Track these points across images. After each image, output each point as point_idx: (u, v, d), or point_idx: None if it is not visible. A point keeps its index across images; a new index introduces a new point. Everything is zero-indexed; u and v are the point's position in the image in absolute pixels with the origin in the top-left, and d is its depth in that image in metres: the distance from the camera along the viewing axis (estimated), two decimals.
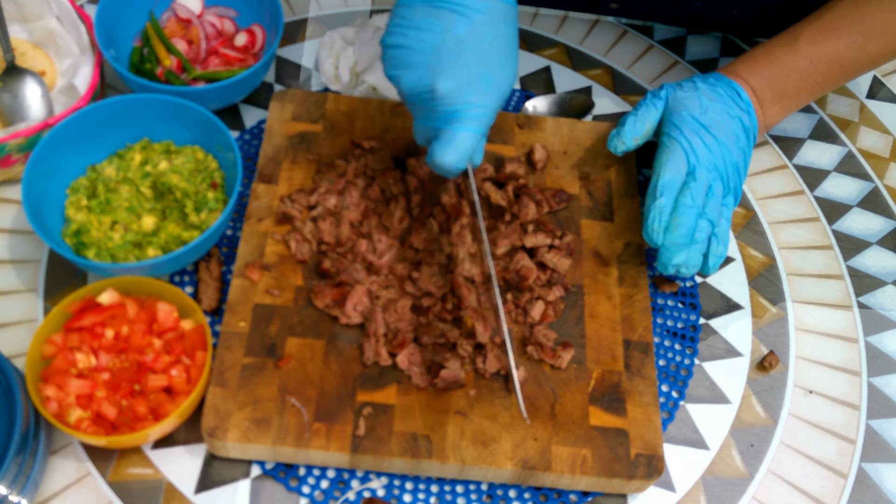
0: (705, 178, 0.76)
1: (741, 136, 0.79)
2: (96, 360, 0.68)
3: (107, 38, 0.84)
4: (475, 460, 0.67)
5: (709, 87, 0.80)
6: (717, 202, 0.76)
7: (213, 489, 0.69)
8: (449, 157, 0.67)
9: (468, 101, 0.66)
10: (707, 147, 0.77)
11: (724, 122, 0.78)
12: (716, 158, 0.77)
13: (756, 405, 0.78)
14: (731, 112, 0.79)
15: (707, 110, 0.78)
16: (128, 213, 0.76)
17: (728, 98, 0.80)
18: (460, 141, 0.67)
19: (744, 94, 0.80)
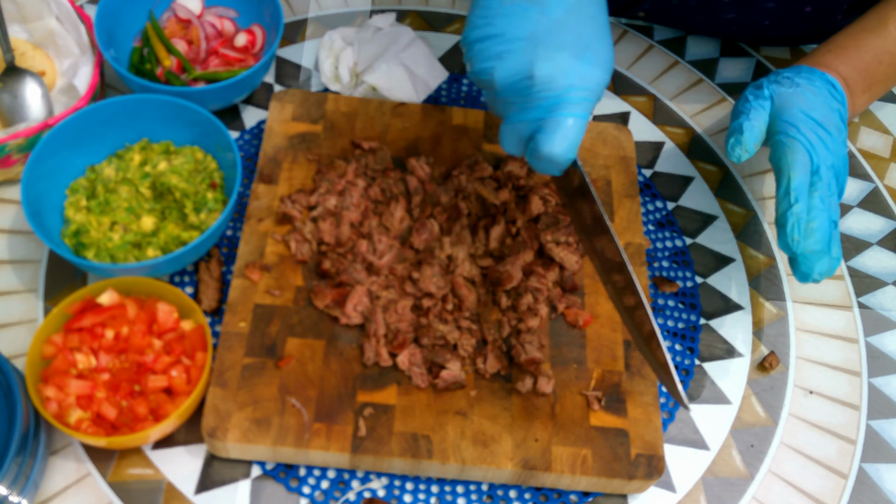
0: (827, 176, 0.73)
1: (843, 128, 0.77)
2: (96, 361, 0.68)
3: (107, 39, 0.84)
4: (475, 460, 0.67)
5: (807, 81, 0.77)
6: (837, 201, 0.74)
7: (213, 489, 0.69)
8: (558, 147, 0.63)
9: (571, 85, 0.63)
10: (824, 144, 0.74)
11: (829, 116, 0.76)
12: (832, 155, 0.74)
13: (756, 405, 0.78)
14: (832, 105, 0.77)
15: (813, 105, 0.76)
16: (127, 214, 0.76)
17: (826, 91, 0.77)
18: (568, 128, 0.63)
19: (838, 85, 0.78)
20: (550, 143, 0.63)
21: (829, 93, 0.77)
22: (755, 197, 0.92)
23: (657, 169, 0.92)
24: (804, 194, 0.72)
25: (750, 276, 0.86)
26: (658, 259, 0.85)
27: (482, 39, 0.65)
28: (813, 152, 0.73)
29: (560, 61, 0.63)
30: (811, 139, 0.74)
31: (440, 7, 1.03)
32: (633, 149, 0.87)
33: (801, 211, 0.71)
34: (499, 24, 0.64)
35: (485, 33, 0.65)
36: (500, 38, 0.64)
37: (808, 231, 0.71)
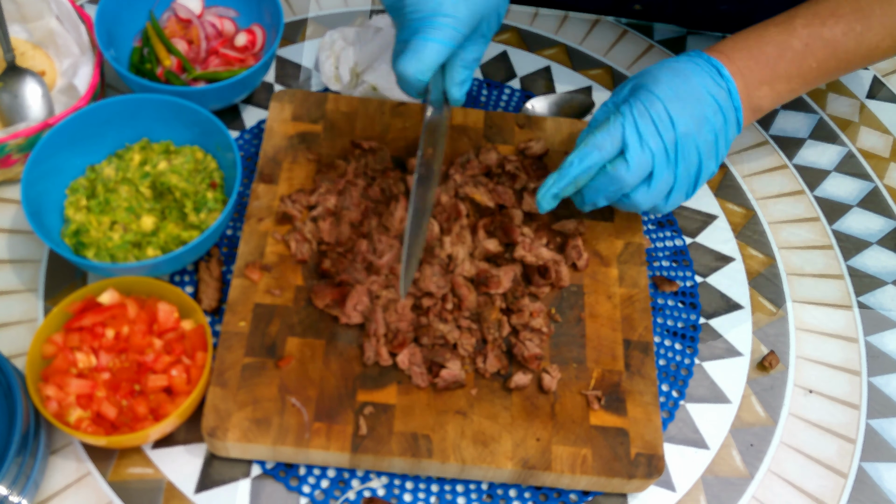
0: (642, 162, 0.70)
1: (716, 117, 0.72)
2: (96, 360, 0.68)
3: (107, 38, 0.84)
4: (475, 460, 0.67)
5: (682, 64, 0.73)
6: (658, 196, 0.72)
7: (213, 489, 0.69)
8: (409, 67, 0.65)
9: (436, 9, 0.64)
10: (657, 127, 0.70)
11: (694, 101, 0.71)
12: (667, 142, 0.70)
13: (756, 405, 0.78)
14: (706, 91, 0.72)
15: (674, 84, 0.71)
16: (127, 213, 0.76)
17: (705, 74, 0.72)
18: (423, 50, 0.64)
19: (725, 71, 0.73)
20: (403, 63, 0.65)
21: (711, 77, 0.72)
22: (755, 197, 0.92)
23: None
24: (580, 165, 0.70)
25: (750, 275, 0.86)
26: (658, 259, 0.85)
27: None
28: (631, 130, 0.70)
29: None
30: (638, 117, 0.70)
31: None
32: None
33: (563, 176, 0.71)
34: None
35: None
36: None
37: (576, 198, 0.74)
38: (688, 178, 0.72)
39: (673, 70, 0.73)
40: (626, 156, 0.70)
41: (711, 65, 0.73)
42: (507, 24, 1.02)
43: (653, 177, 0.71)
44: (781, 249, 0.88)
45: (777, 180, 0.93)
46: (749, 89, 0.75)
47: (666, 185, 0.72)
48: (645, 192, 0.72)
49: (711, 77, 0.73)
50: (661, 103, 0.70)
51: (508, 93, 0.95)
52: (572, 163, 0.71)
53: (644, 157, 0.70)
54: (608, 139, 0.70)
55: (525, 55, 1.00)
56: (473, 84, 0.95)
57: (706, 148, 0.72)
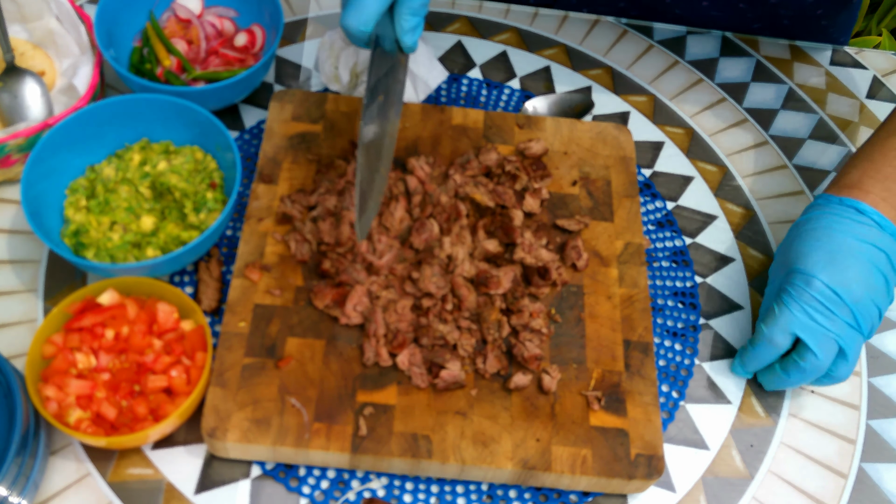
0: (828, 350, 0.70)
1: (881, 262, 0.70)
2: (96, 361, 0.68)
3: (107, 38, 0.84)
4: (475, 460, 0.67)
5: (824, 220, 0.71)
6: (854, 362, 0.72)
7: (213, 489, 0.69)
8: (351, 19, 0.66)
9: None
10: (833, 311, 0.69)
11: (854, 260, 0.69)
12: (846, 318, 0.69)
13: (756, 405, 0.78)
14: (857, 237, 0.70)
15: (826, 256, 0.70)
16: (127, 214, 0.76)
17: (848, 220, 0.71)
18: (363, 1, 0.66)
19: (886, 223, 0.70)
20: (347, 15, 0.67)
21: (854, 220, 0.71)
22: (755, 197, 0.92)
23: (657, 169, 0.92)
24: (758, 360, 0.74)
25: (750, 276, 0.86)
26: (658, 259, 0.85)
27: None
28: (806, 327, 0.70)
29: None
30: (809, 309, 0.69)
31: (440, 7, 1.03)
32: (633, 149, 0.87)
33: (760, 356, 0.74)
34: None
35: None
36: None
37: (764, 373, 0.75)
38: (871, 328, 0.72)
39: (815, 235, 0.71)
40: (812, 348, 0.70)
41: (871, 219, 0.71)
42: (507, 24, 1.02)
43: (846, 352, 0.70)
44: None
45: (777, 180, 0.93)
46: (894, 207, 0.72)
47: (856, 353, 0.71)
48: (844, 366, 0.71)
49: (854, 220, 0.71)
50: (819, 281, 0.69)
51: (508, 93, 0.95)
52: (750, 355, 0.74)
53: (828, 341, 0.70)
54: (779, 333, 0.71)
55: (525, 55, 1.00)
56: (473, 84, 0.95)
57: (880, 295, 0.70)
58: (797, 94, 1.01)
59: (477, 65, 0.98)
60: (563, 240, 0.80)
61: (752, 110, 0.99)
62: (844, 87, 1.03)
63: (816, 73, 1.03)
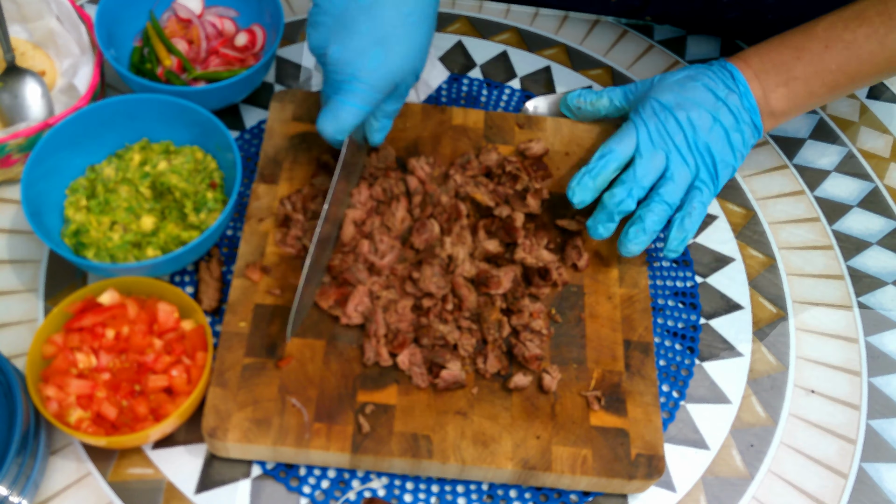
0: (656, 158, 0.74)
1: (726, 118, 0.76)
2: (97, 361, 0.68)
3: (107, 38, 0.84)
4: (475, 460, 0.67)
5: (692, 72, 0.79)
6: (678, 186, 0.75)
7: (213, 489, 0.69)
8: (328, 127, 0.70)
9: (354, 75, 0.67)
10: (666, 129, 0.75)
11: (699, 105, 0.76)
12: (677, 142, 0.75)
13: (756, 405, 0.78)
14: (716, 94, 0.76)
15: (680, 94, 0.77)
16: (127, 214, 0.76)
17: (717, 80, 0.77)
18: (340, 113, 0.69)
19: (738, 74, 0.77)
20: (323, 121, 0.70)
21: (724, 83, 0.77)
22: (755, 197, 0.92)
23: None
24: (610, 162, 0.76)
25: (750, 276, 0.86)
26: (658, 259, 0.84)
27: (314, 4, 0.69)
28: (642, 132, 0.75)
29: (350, 49, 0.67)
30: (648, 122, 0.76)
31: (441, 7, 1.03)
32: None
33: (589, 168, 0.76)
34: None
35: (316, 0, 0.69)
36: (319, 9, 0.69)
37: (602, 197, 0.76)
38: (707, 172, 0.76)
39: (681, 81, 0.78)
40: (641, 152, 0.75)
41: (726, 70, 0.77)
42: (507, 24, 1.02)
43: (669, 170, 0.75)
44: (781, 250, 0.88)
45: (777, 180, 0.93)
46: (765, 91, 0.77)
47: (684, 179, 0.75)
48: (668, 185, 0.75)
49: (724, 82, 0.77)
50: (667, 111, 0.76)
51: (508, 93, 0.95)
52: (597, 157, 0.76)
53: (657, 156, 0.75)
54: (626, 142, 0.76)
55: (525, 55, 1.00)
56: (474, 84, 0.95)
57: (718, 144, 0.75)
58: None
59: (477, 65, 0.98)
60: (563, 240, 0.80)
61: None
62: None
63: None
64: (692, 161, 0.75)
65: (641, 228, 0.74)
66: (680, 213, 0.75)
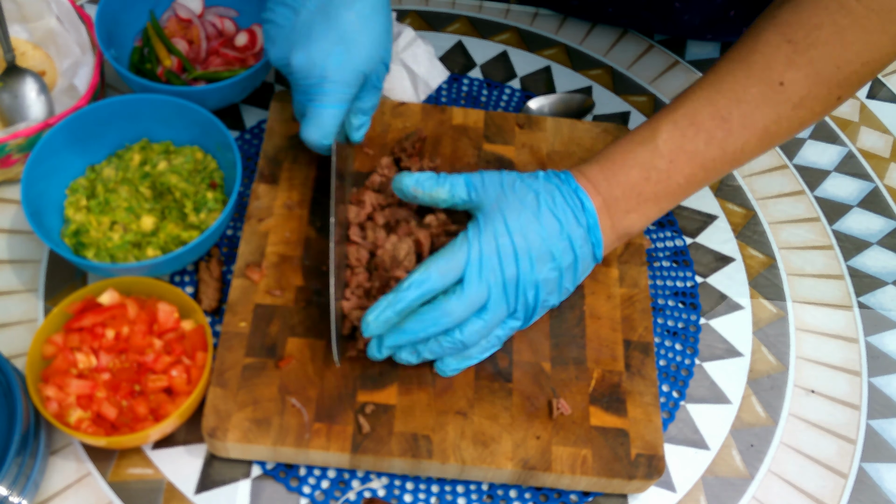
0: (477, 295, 0.65)
1: (565, 256, 0.67)
2: (97, 361, 0.68)
3: (107, 38, 0.84)
4: (475, 460, 0.67)
5: (547, 191, 0.68)
6: (485, 327, 0.67)
7: (213, 489, 0.69)
8: (313, 134, 0.71)
9: (323, 76, 0.69)
10: (501, 261, 0.66)
11: (544, 240, 0.66)
12: (507, 278, 0.66)
13: (756, 405, 0.78)
14: (564, 227, 0.67)
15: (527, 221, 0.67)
16: (127, 214, 0.76)
17: (568, 209, 0.68)
18: (321, 117, 0.70)
19: (588, 204, 0.68)
20: (307, 129, 0.71)
21: (573, 213, 0.68)
22: (755, 197, 0.92)
23: None
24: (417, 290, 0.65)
25: (750, 276, 0.86)
26: (658, 259, 0.85)
27: (265, 21, 0.72)
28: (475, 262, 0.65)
29: (313, 54, 0.69)
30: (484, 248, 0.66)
31: (440, 7, 1.03)
32: None
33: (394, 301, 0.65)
34: (276, 11, 0.71)
35: (267, 17, 0.72)
36: (273, 25, 0.71)
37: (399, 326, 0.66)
38: (525, 312, 0.69)
39: (534, 202, 0.68)
40: (464, 286, 0.65)
41: (577, 198, 0.68)
42: (507, 23, 1.02)
43: (486, 309, 0.66)
44: (781, 249, 0.88)
45: (777, 180, 0.93)
46: (615, 218, 0.70)
47: (497, 318, 0.67)
48: (475, 323, 0.66)
49: (573, 212, 0.68)
50: (508, 237, 0.66)
51: (508, 93, 0.95)
52: (410, 286, 0.65)
53: (480, 290, 0.65)
54: (451, 266, 0.65)
55: (525, 55, 1.00)
56: (474, 84, 0.95)
57: (547, 285, 0.68)
58: None
59: (477, 65, 0.98)
60: None
61: None
62: None
63: None
64: (513, 300, 0.67)
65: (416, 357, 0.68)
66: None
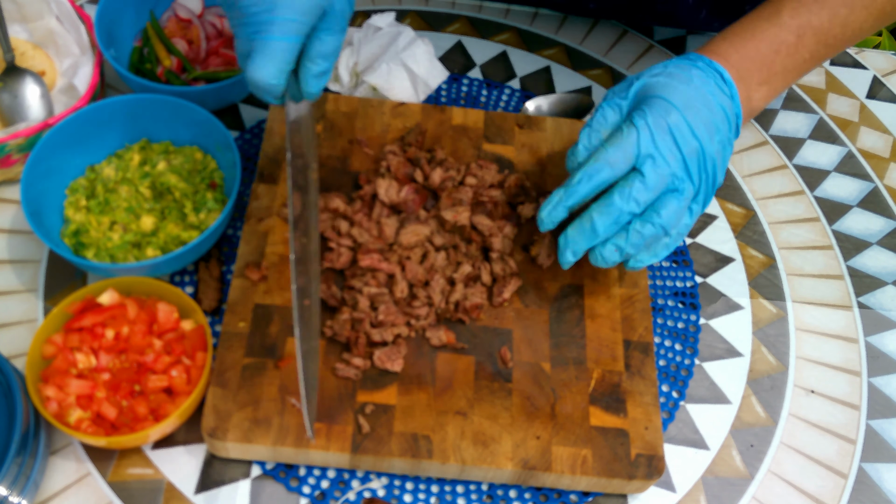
0: (660, 177, 0.64)
1: (723, 127, 0.68)
2: (96, 361, 0.68)
3: (107, 38, 0.84)
4: (475, 460, 0.67)
5: (684, 71, 0.68)
6: (679, 209, 0.66)
7: (213, 489, 0.69)
8: (262, 72, 0.60)
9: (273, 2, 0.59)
10: (675, 138, 0.65)
11: (706, 110, 0.67)
12: (686, 154, 0.65)
13: (756, 405, 0.78)
14: (714, 99, 0.67)
15: (686, 93, 0.67)
16: (127, 214, 0.76)
17: (711, 81, 0.68)
18: (272, 50, 0.59)
19: (728, 77, 0.69)
20: (255, 68, 0.60)
21: (717, 84, 0.68)
22: (755, 197, 0.92)
23: None
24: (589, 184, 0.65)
25: (750, 276, 0.86)
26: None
27: None
28: (646, 141, 0.64)
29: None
30: (654, 129, 0.64)
31: (440, 7, 1.03)
32: None
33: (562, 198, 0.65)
34: None
35: None
36: None
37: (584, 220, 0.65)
38: (705, 192, 0.68)
39: (681, 77, 0.68)
40: (644, 171, 0.64)
41: (714, 69, 0.69)
42: (507, 24, 1.02)
43: (676, 189, 0.65)
44: (781, 250, 0.88)
45: (777, 180, 0.93)
46: (749, 91, 0.71)
47: (688, 196, 0.66)
48: (671, 202, 0.65)
49: (717, 84, 0.69)
50: (678, 113, 0.65)
51: (508, 93, 0.95)
52: (581, 180, 0.65)
53: (662, 170, 0.64)
54: (621, 155, 0.64)
55: (525, 55, 1.00)
56: (474, 84, 0.95)
57: (719, 160, 0.68)
58: (797, 94, 1.01)
59: (477, 65, 0.98)
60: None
61: None
62: (844, 87, 1.03)
63: (816, 73, 1.03)
64: (696, 176, 0.66)
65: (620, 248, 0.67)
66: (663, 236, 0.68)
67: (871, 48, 1.21)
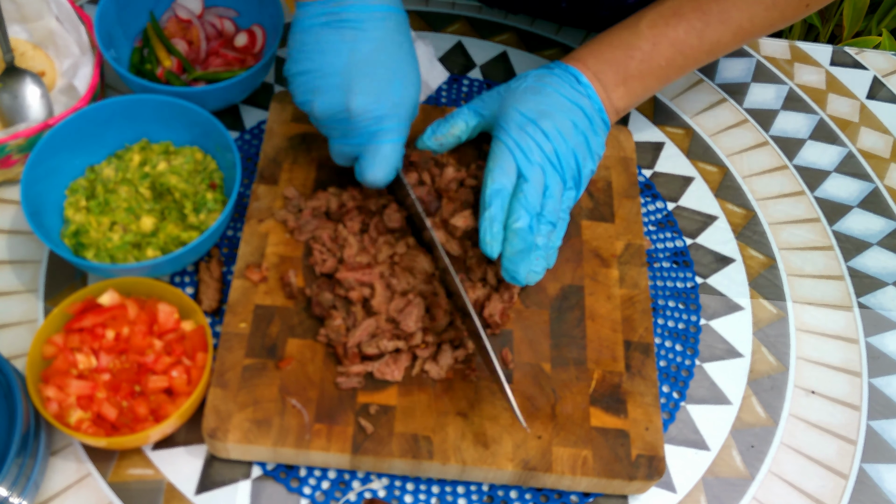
0: (538, 177, 0.72)
1: (582, 121, 0.75)
2: (97, 361, 0.68)
3: (107, 39, 0.84)
4: (476, 461, 0.67)
5: (539, 78, 0.78)
6: (556, 201, 0.73)
7: (213, 490, 0.69)
8: (380, 172, 0.71)
9: (384, 114, 0.69)
10: (537, 142, 0.73)
11: (559, 112, 0.75)
12: (548, 153, 0.73)
13: (756, 406, 0.78)
14: (569, 99, 0.76)
15: (539, 102, 0.75)
16: (127, 214, 0.76)
17: (565, 84, 0.77)
18: (386, 154, 0.71)
19: (583, 78, 0.77)
20: (373, 169, 0.71)
21: (571, 86, 0.77)
22: (755, 197, 0.92)
23: (657, 169, 0.92)
24: (501, 198, 0.71)
25: (750, 276, 0.86)
26: (658, 259, 0.85)
27: (301, 73, 0.71)
28: (518, 153, 0.72)
29: (372, 94, 0.69)
30: (519, 139, 0.73)
31: (440, 7, 1.03)
32: (634, 149, 0.87)
33: (495, 215, 0.70)
34: (316, 60, 0.70)
35: (303, 68, 0.70)
36: (316, 73, 0.70)
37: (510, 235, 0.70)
38: (573, 180, 0.75)
39: (534, 88, 0.77)
40: (525, 176, 0.71)
41: (571, 74, 0.78)
42: (507, 24, 1.02)
43: (547, 188, 0.72)
44: (782, 250, 0.88)
45: (777, 181, 0.93)
46: (607, 91, 0.79)
47: (559, 192, 0.73)
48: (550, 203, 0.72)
49: (571, 86, 0.77)
50: (531, 122, 0.74)
51: None
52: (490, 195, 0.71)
53: (536, 172, 0.72)
54: (506, 166, 0.72)
55: (525, 55, 0.99)
56: (474, 84, 0.95)
57: (581, 151, 0.75)
58: (797, 95, 1.01)
59: (477, 65, 0.98)
60: None
61: (752, 110, 0.99)
62: (844, 87, 1.03)
63: (816, 73, 1.03)
64: (562, 171, 0.74)
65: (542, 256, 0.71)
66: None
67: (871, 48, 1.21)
